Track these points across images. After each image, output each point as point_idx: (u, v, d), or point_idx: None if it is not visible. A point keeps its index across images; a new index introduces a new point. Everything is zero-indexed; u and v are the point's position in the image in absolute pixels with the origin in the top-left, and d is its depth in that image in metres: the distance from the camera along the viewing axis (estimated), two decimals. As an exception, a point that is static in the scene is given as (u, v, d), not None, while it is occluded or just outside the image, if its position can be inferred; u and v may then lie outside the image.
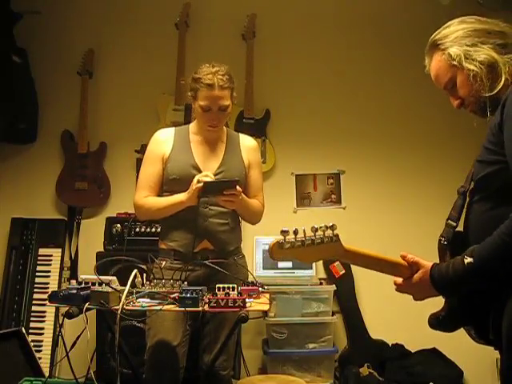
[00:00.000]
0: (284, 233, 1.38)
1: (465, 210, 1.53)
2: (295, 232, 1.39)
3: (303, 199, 3.75)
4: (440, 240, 1.54)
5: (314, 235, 1.40)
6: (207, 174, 2.17)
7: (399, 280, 1.51)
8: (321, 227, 1.40)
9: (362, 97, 3.77)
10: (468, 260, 1.33)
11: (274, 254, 1.39)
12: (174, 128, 2.40)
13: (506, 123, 1.35)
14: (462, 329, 1.56)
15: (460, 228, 1.53)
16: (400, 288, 1.52)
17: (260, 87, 3.68)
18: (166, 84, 3.65)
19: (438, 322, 1.54)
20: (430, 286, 1.44)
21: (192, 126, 2.38)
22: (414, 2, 3.80)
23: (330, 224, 1.41)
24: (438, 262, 1.49)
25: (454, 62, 1.49)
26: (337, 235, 1.42)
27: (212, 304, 1.83)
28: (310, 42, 3.80)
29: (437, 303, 1.55)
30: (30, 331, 3.32)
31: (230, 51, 3.64)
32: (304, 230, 1.40)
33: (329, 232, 1.41)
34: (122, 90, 3.75)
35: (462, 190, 1.56)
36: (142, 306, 1.85)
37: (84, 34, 3.76)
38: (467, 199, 1.53)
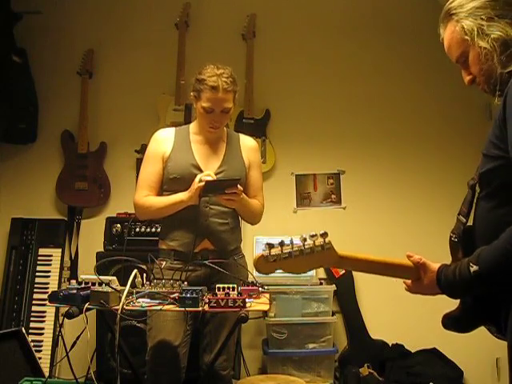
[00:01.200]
0: (269, 246, 1.34)
1: (474, 204, 1.46)
2: (281, 243, 1.34)
3: (303, 199, 3.74)
4: (451, 237, 1.48)
5: (303, 245, 1.35)
6: (209, 174, 2.17)
7: (408, 282, 1.49)
8: (311, 236, 1.35)
9: (362, 96, 3.77)
10: (474, 268, 1.28)
11: (261, 268, 1.35)
12: (174, 128, 2.40)
13: (508, 121, 1.27)
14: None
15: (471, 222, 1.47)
16: (410, 290, 1.50)
17: (260, 87, 3.68)
18: (166, 84, 3.66)
19: (452, 323, 1.49)
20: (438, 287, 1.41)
21: (192, 126, 2.38)
22: (413, 2, 3.79)
23: (322, 232, 1.36)
24: (441, 261, 1.45)
25: (466, 37, 1.38)
26: (329, 242, 1.37)
27: (212, 304, 1.83)
28: (310, 42, 3.80)
29: (437, 302, 1.54)
30: (30, 331, 3.32)
31: (230, 51, 3.64)
32: (291, 240, 1.35)
33: (320, 240, 1.36)
34: (122, 89, 3.75)
35: (472, 182, 1.48)
36: (142, 306, 1.85)
37: (84, 34, 3.76)
38: (476, 193, 1.45)
